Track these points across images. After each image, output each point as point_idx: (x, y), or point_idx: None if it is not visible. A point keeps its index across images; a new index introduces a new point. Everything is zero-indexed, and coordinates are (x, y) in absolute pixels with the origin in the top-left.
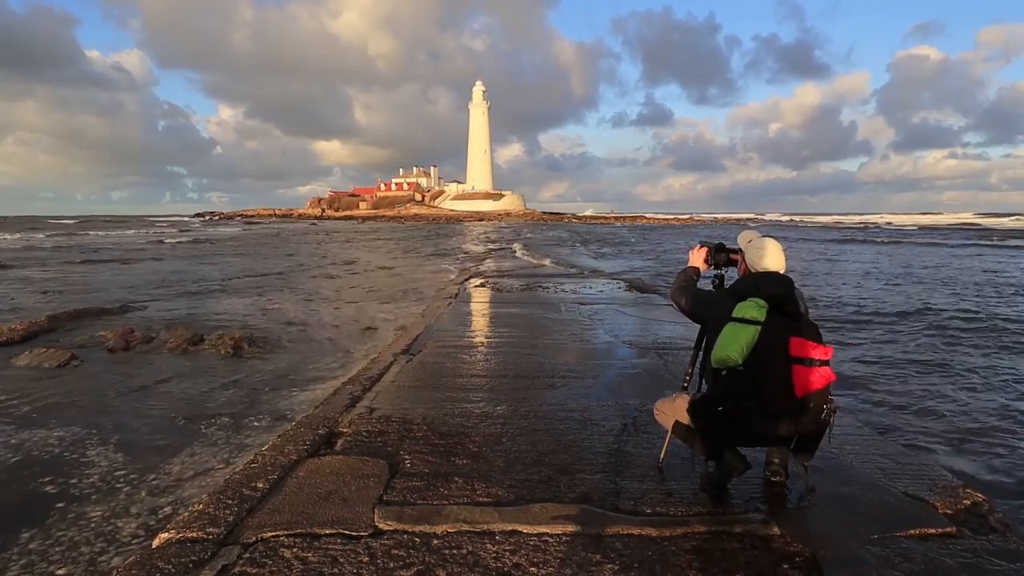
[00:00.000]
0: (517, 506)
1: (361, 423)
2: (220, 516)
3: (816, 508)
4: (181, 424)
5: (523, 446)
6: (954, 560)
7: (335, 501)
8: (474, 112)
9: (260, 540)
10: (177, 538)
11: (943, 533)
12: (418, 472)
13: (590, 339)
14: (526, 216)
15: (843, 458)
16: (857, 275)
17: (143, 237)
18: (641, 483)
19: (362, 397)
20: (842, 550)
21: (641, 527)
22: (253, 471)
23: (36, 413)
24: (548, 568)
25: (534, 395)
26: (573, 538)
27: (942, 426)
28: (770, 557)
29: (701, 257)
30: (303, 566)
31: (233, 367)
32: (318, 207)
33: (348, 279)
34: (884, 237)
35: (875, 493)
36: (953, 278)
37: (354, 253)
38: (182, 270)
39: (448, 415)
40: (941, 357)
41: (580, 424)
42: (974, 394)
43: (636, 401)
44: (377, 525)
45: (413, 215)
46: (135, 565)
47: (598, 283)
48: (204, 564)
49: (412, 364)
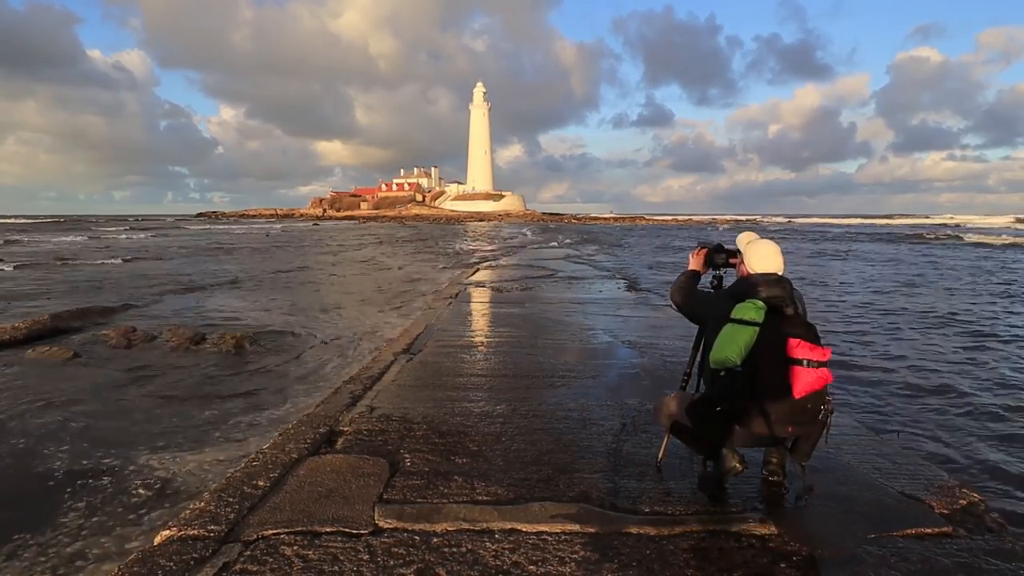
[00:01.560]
0: (516, 505)
1: (362, 422)
2: (221, 514)
3: (813, 507)
4: (182, 423)
5: (522, 445)
6: (950, 560)
7: (336, 499)
8: (475, 113)
9: (261, 538)
10: (178, 535)
11: (939, 533)
12: (418, 471)
13: (589, 339)
14: (526, 217)
15: (840, 458)
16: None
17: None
18: (640, 482)
19: (363, 396)
20: (839, 549)
21: (640, 526)
22: (254, 469)
23: (35, 411)
24: (547, 566)
25: (533, 394)
26: (572, 537)
27: (940, 426)
28: (767, 556)
29: (700, 260)
30: (304, 564)
31: (234, 366)
32: (319, 207)
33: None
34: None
35: (872, 493)
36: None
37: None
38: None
39: (448, 414)
40: (939, 358)
41: (579, 423)
42: (973, 394)
43: (635, 401)
44: (377, 523)
45: (414, 215)
46: (137, 562)
47: (597, 283)
48: (205, 561)
49: (412, 363)
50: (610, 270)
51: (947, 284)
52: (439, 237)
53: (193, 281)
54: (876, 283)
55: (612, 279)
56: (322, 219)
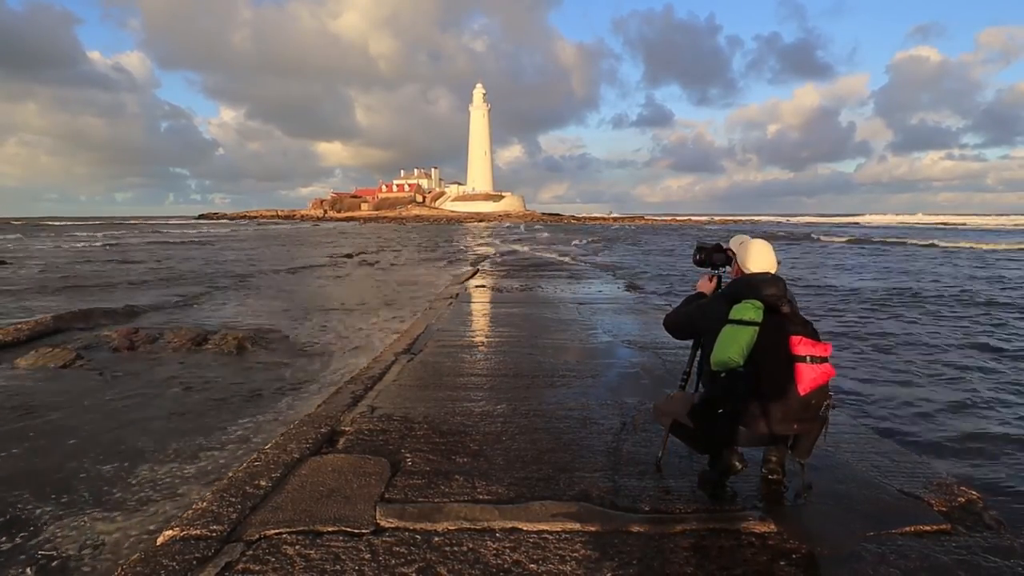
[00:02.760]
0: (517, 504)
1: (363, 422)
2: (223, 513)
3: (812, 506)
4: (183, 421)
5: (523, 444)
6: (949, 557)
7: (337, 499)
8: (474, 115)
9: (263, 537)
10: (181, 535)
11: (938, 530)
12: (419, 470)
13: (589, 339)
14: (526, 217)
15: (839, 456)
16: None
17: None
18: (640, 481)
19: (364, 396)
20: (838, 547)
21: (640, 524)
22: (256, 469)
23: (36, 412)
24: (547, 565)
25: (534, 394)
26: (572, 535)
27: (937, 424)
28: (767, 554)
29: (712, 286)
30: (305, 563)
31: (236, 365)
32: (320, 208)
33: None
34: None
35: (871, 491)
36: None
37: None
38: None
39: (449, 414)
40: (937, 357)
41: (579, 423)
42: (970, 393)
43: (635, 400)
44: (379, 523)
45: (414, 216)
46: (139, 562)
47: (597, 283)
48: (208, 561)
49: (413, 363)
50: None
51: None
52: (440, 238)
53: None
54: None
55: (612, 279)
56: (323, 220)
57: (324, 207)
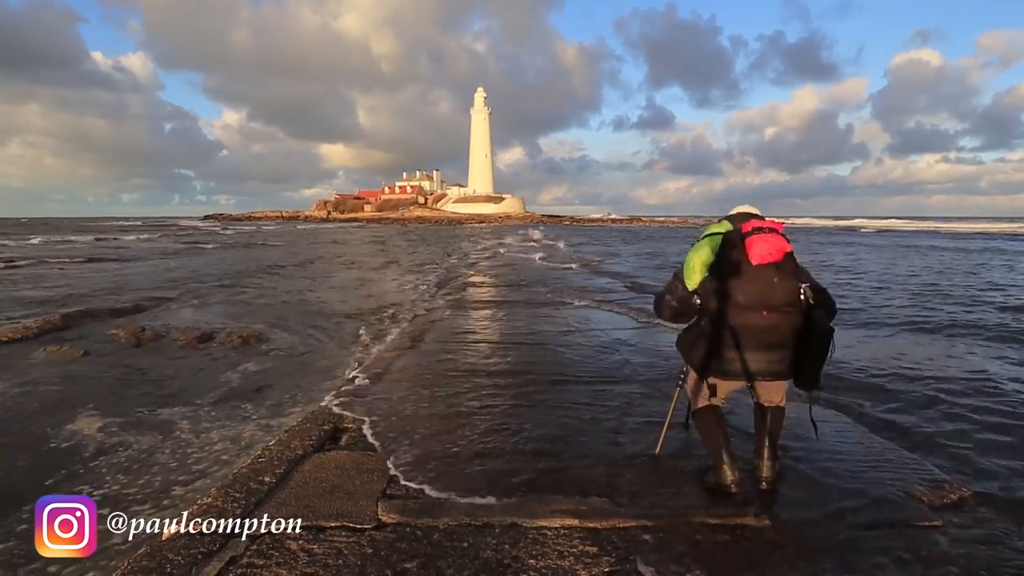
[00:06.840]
0: (516, 500)
1: (365, 418)
2: (228, 509)
3: (807, 501)
4: (183, 421)
5: (523, 440)
6: (941, 551)
7: (340, 495)
8: (476, 118)
9: (267, 532)
10: (185, 530)
11: (930, 526)
12: (420, 467)
13: (589, 337)
14: (526, 219)
15: (833, 452)
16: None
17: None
18: (638, 477)
19: (366, 393)
20: (832, 542)
21: (637, 519)
22: (260, 465)
23: (48, 406)
24: (546, 560)
25: (534, 390)
26: (571, 531)
27: (933, 422)
28: (763, 549)
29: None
30: (309, 558)
31: (240, 364)
32: (324, 209)
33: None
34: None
35: (864, 486)
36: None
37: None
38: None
39: (450, 410)
40: (932, 352)
41: (578, 419)
42: (967, 392)
43: (635, 397)
44: (380, 518)
45: (416, 217)
46: (145, 556)
47: (597, 282)
48: (212, 556)
49: (415, 360)
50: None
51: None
52: (442, 238)
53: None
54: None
55: (612, 279)
56: (326, 221)
57: (327, 208)
